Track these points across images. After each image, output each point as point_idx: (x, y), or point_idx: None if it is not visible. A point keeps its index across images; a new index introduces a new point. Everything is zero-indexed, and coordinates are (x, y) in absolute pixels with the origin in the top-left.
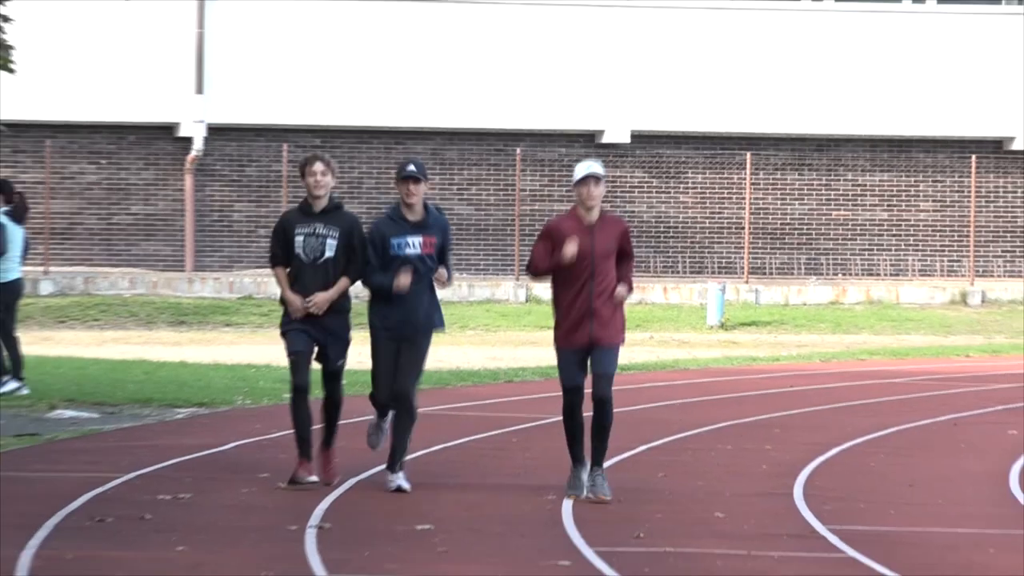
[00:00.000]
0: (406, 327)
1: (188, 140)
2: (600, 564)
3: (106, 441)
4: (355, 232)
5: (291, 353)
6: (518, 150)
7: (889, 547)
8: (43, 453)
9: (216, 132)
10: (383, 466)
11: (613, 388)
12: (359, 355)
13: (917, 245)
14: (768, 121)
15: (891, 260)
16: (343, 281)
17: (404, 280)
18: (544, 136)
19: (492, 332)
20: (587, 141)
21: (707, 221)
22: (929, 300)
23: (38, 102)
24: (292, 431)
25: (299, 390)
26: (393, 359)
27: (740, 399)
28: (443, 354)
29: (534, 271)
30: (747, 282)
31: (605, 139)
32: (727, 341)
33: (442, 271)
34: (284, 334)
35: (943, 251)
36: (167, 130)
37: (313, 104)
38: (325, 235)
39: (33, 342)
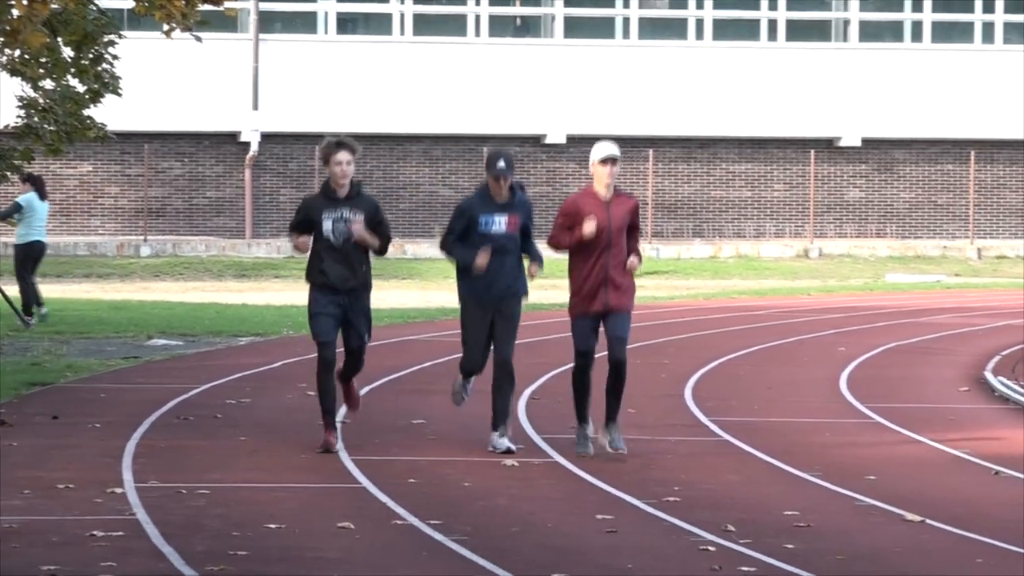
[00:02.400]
0: (493, 296)
1: (247, 144)
2: (545, 446)
3: (188, 361)
4: (378, 212)
5: (319, 341)
6: (485, 148)
7: (753, 432)
8: (143, 370)
9: (267, 138)
10: (391, 376)
11: (591, 350)
12: (398, 298)
13: (772, 215)
14: (665, 126)
15: (754, 226)
16: (376, 242)
17: (483, 260)
18: (504, 138)
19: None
20: (535, 142)
21: None
22: (781, 254)
23: (139, 116)
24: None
25: (325, 367)
26: (484, 328)
27: (646, 327)
28: (431, 296)
29: (555, 245)
30: (650, 242)
31: (548, 140)
32: (636, 285)
33: (535, 267)
34: (313, 317)
35: (791, 219)
36: (232, 136)
37: (337, 115)
38: (351, 219)
39: (135, 291)
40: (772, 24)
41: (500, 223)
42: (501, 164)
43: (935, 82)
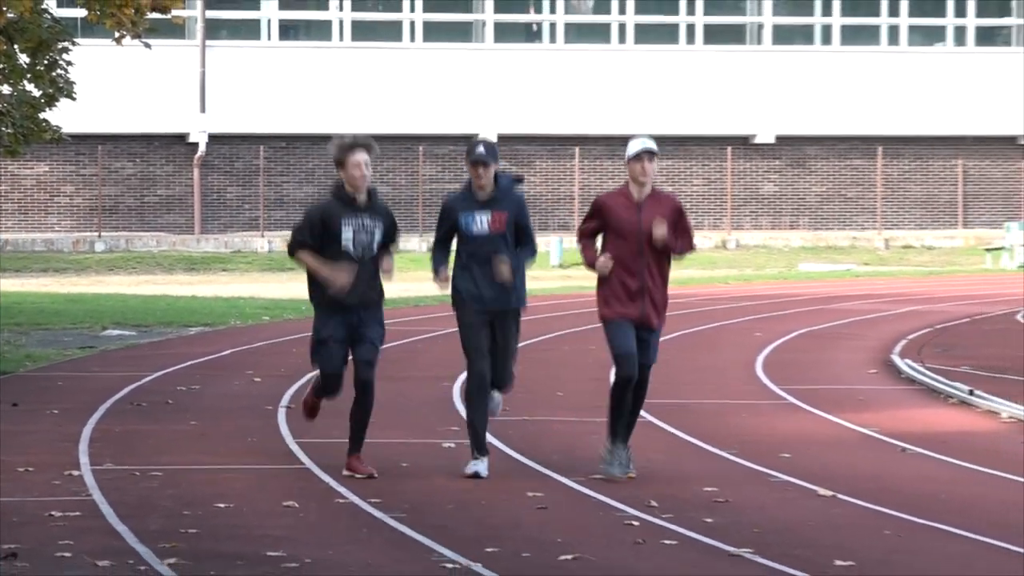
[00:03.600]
0: (485, 303)
1: (195, 144)
2: None
3: (141, 351)
4: (395, 222)
5: (325, 373)
6: (420, 147)
7: (678, 414)
8: (99, 359)
9: (214, 139)
10: None
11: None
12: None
13: (692, 208)
14: (590, 124)
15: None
16: (392, 265)
17: (439, 284)
18: (438, 138)
19: (403, 272)
20: (467, 141)
21: (549, 194)
22: (700, 245)
23: (93, 119)
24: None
25: (328, 395)
26: (484, 333)
27: (573, 315)
28: None
29: (581, 251)
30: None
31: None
32: (564, 276)
33: (504, 266)
34: (319, 345)
35: (710, 212)
36: (181, 137)
37: (280, 117)
38: (372, 228)
39: (90, 285)
40: (690, 28)
41: (482, 222)
42: (480, 150)
43: (844, 82)
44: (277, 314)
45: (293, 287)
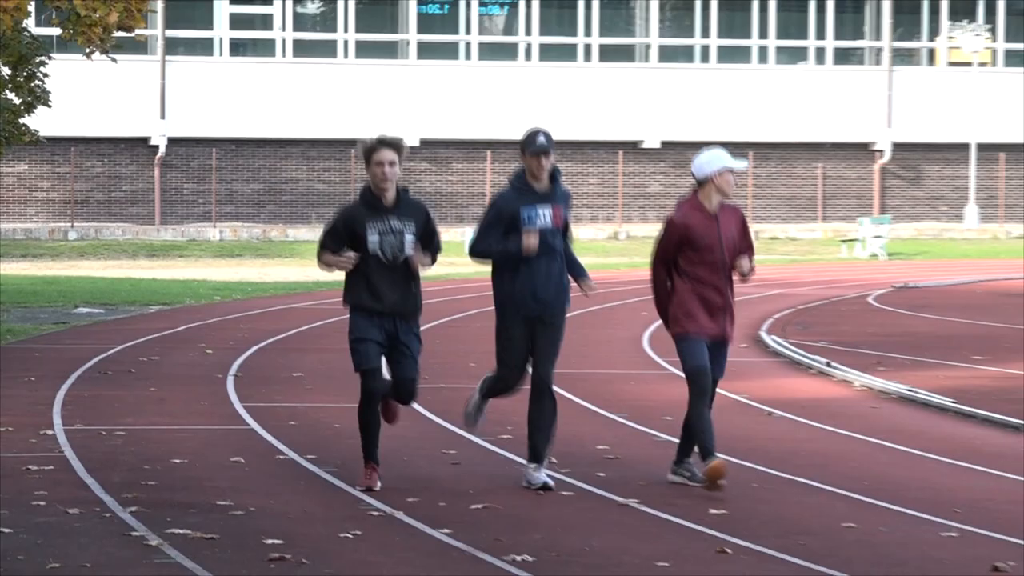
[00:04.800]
0: (539, 305)
1: (156, 147)
2: None
3: (108, 326)
4: (430, 221)
5: (363, 370)
6: (352, 151)
7: (572, 381)
8: (71, 333)
9: (173, 142)
10: (276, 337)
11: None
12: (282, 274)
13: (588, 204)
14: (500, 130)
15: (573, 213)
16: (428, 261)
17: (532, 239)
18: None
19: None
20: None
21: (465, 192)
22: (595, 236)
23: (66, 124)
24: (360, 435)
25: (369, 399)
26: (526, 343)
27: (484, 296)
28: (309, 272)
29: (654, 280)
30: None
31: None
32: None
33: (588, 286)
34: (354, 344)
35: (604, 207)
36: (144, 140)
37: (231, 123)
38: (402, 230)
39: (65, 268)
40: (587, 47)
41: (545, 216)
42: (542, 140)
43: (720, 95)
44: (227, 295)
45: (241, 271)
